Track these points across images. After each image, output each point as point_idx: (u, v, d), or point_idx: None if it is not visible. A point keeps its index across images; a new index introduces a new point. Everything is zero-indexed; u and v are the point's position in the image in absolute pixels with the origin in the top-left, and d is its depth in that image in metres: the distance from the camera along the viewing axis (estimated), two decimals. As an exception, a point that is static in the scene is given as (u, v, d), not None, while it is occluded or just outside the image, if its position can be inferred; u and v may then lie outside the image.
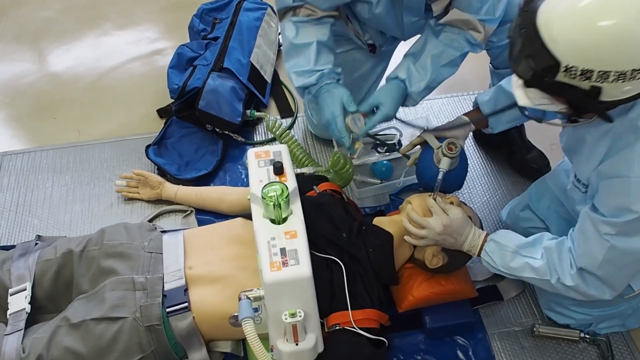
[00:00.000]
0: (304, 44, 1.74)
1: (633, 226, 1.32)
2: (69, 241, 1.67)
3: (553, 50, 1.17)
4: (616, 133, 1.32)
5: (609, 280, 1.42)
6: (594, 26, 1.12)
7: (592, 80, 1.15)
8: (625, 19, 1.11)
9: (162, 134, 2.24)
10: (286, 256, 1.41)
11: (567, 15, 1.15)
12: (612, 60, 1.13)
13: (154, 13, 2.97)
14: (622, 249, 1.35)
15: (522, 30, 1.22)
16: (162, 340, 1.49)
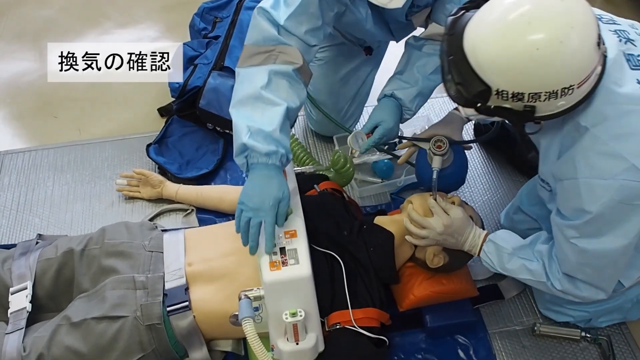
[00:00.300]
0: (272, 101, 1.46)
1: (593, 227, 1.31)
2: (69, 240, 1.67)
3: (482, 76, 1.17)
4: (564, 133, 1.32)
5: (594, 282, 1.42)
6: (519, 51, 1.12)
7: (524, 101, 1.16)
8: (548, 42, 1.10)
9: (163, 133, 2.24)
10: (286, 255, 1.42)
11: (491, 41, 1.15)
12: (540, 83, 1.14)
13: (155, 12, 2.96)
14: (592, 251, 1.34)
15: (450, 57, 1.21)
16: (163, 339, 1.49)
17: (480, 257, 1.58)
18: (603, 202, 1.26)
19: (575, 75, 1.14)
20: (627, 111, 1.22)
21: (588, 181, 1.26)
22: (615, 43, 1.27)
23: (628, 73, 1.25)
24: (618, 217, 1.28)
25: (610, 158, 1.23)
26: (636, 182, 1.22)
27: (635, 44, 1.30)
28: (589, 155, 1.26)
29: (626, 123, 1.22)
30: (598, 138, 1.23)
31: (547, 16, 1.12)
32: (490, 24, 1.16)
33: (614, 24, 1.34)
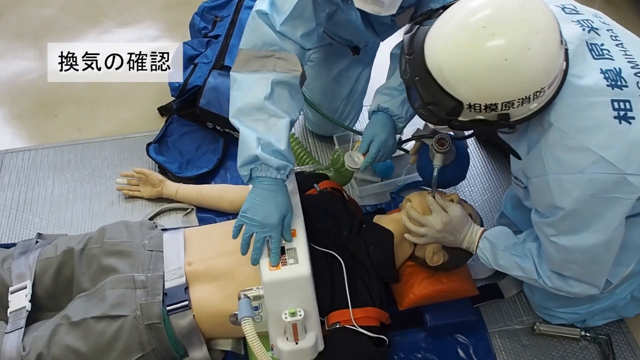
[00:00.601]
0: (276, 114, 1.45)
1: (569, 223, 1.30)
2: (69, 239, 1.67)
3: (451, 92, 1.16)
4: (530, 130, 1.31)
5: (582, 278, 1.41)
6: (487, 64, 1.11)
7: (497, 111, 1.16)
8: (516, 50, 1.10)
9: (163, 132, 2.24)
10: (285, 255, 1.42)
11: (456, 57, 1.14)
12: (512, 92, 1.14)
13: (155, 11, 2.96)
14: (572, 247, 1.33)
15: (415, 79, 1.20)
16: (163, 338, 1.49)
17: (477, 255, 1.58)
18: (574, 197, 1.24)
19: (545, 78, 1.15)
20: (590, 103, 1.21)
21: (557, 177, 1.25)
22: (578, 33, 1.27)
23: (590, 63, 1.24)
24: (593, 212, 1.26)
25: (577, 152, 1.21)
26: (605, 174, 1.20)
27: (599, 32, 1.29)
28: (555, 150, 1.25)
29: (590, 115, 1.20)
30: (563, 132, 1.22)
31: (510, 25, 1.10)
32: (452, 39, 1.14)
33: (577, 13, 1.33)
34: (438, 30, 1.18)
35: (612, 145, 1.19)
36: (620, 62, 1.24)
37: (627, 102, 1.20)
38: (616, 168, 1.19)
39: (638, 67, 1.24)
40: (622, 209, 1.25)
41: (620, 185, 1.21)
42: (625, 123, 1.19)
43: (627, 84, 1.22)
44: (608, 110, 1.19)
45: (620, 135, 1.19)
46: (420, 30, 1.23)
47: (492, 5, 1.12)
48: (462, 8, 1.16)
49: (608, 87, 1.21)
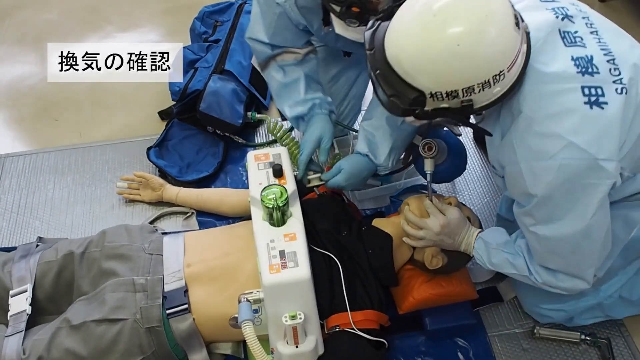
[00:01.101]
0: (293, 81, 1.77)
1: (545, 211, 1.30)
2: (70, 243, 1.68)
3: (412, 83, 1.17)
4: (502, 117, 1.31)
5: (568, 271, 1.40)
6: (440, 51, 1.12)
7: (460, 97, 1.17)
8: (467, 35, 1.11)
9: (163, 136, 2.25)
10: (285, 258, 1.42)
11: (411, 47, 1.15)
12: (470, 77, 1.14)
13: (156, 16, 2.97)
14: (552, 237, 1.32)
15: (377, 72, 1.22)
16: (163, 341, 1.49)
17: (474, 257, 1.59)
18: (547, 183, 1.24)
19: (502, 60, 1.15)
20: (558, 90, 1.20)
21: (529, 164, 1.25)
22: (551, 20, 1.27)
23: (561, 51, 1.24)
24: (568, 199, 1.26)
25: (547, 138, 1.21)
26: (577, 159, 1.20)
27: (574, 20, 1.29)
28: (525, 137, 1.25)
29: (559, 101, 1.20)
30: (533, 119, 1.22)
31: (461, 10, 1.12)
32: (407, 30, 1.16)
33: (553, 1, 1.33)
34: (395, 24, 1.19)
35: (583, 130, 1.19)
36: (593, 49, 1.24)
37: (598, 89, 1.20)
38: (587, 153, 1.19)
39: (611, 55, 1.24)
40: (598, 195, 1.24)
41: (593, 171, 1.21)
42: (597, 108, 1.19)
43: (599, 70, 1.21)
44: (578, 96, 1.19)
45: (591, 120, 1.19)
46: (381, 26, 1.25)
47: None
48: (415, 1, 1.18)
49: (578, 73, 1.20)
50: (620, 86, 1.22)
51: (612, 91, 1.21)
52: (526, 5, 1.32)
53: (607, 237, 1.35)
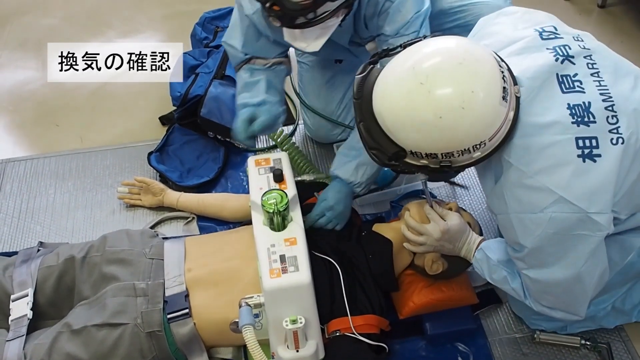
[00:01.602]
0: (256, 81, 1.77)
1: (536, 259, 1.31)
2: (71, 247, 1.68)
3: (394, 139, 1.19)
4: (492, 167, 1.31)
5: (561, 308, 1.41)
6: (423, 120, 1.13)
7: (439, 159, 1.18)
8: (450, 109, 1.11)
9: (164, 141, 2.25)
10: (286, 263, 1.42)
11: (396, 108, 1.16)
12: (450, 145, 1.16)
13: (157, 21, 2.98)
14: (542, 280, 1.33)
15: (361, 123, 1.23)
16: (163, 346, 1.50)
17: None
18: (536, 235, 1.24)
19: (483, 133, 1.15)
20: (552, 142, 1.19)
21: (518, 216, 1.26)
22: (549, 64, 1.25)
23: (558, 99, 1.22)
24: (559, 249, 1.26)
25: (537, 192, 1.21)
26: (566, 213, 1.19)
27: (574, 60, 1.26)
28: (515, 190, 1.25)
29: (550, 155, 1.19)
30: (523, 172, 1.21)
31: (448, 82, 1.12)
32: (393, 91, 1.16)
33: (555, 38, 1.30)
34: (385, 78, 1.20)
35: (574, 185, 1.18)
36: (591, 94, 1.22)
37: (593, 139, 1.18)
38: (577, 208, 1.18)
39: (610, 100, 1.22)
40: (589, 246, 1.23)
41: (583, 223, 1.20)
42: (590, 161, 1.18)
43: (595, 119, 1.19)
44: (571, 148, 1.18)
45: (583, 174, 1.18)
46: (373, 71, 1.25)
47: (435, 60, 1.14)
48: (407, 59, 1.18)
49: (573, 124, 1.19)
50: (616, 136, 1.20)
51: (607, 142, 1.19)
52: (526, 46, 1.30)
53: (603, 275, 1.34)
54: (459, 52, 1.15)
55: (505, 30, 1.38)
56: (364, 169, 1.71)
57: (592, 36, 1.36)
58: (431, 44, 1.19)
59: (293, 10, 1.39)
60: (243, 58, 1.78)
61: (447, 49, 1.17)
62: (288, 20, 1.43)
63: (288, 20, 1.44)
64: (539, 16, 1.40)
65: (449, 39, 1.20)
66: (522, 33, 1.34)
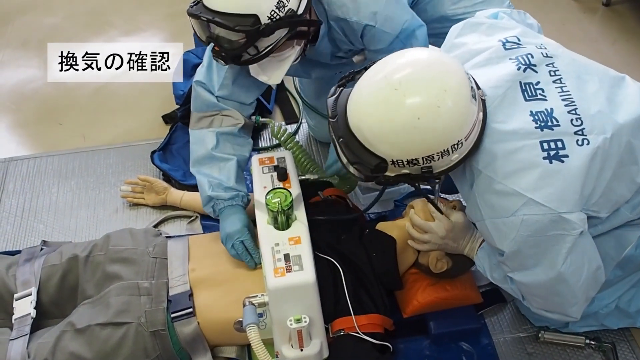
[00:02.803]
0: (224, 158, 1.68)
1: (516, 261, 1.32)
2: (74, 246, 1.68)
3: (374, 151, 1.20)
4: (466, 176, 1.34)
5: (551, 309, 1.42)
6: (401, 124, 1.15)
7: (420, 164, 1.20)
8: (427, 109, 1.14)
9: (167, 140, 2.25)
10: (290, 262, 1.42)
11: (372, 118, 1.18)
12: (430, 147, 1.18)
13: (159, 20, 2.98)
14: (526, 283, 1.35)
15: (340, 140, 1.24)
16: (167, 345, 1.50)
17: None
18: (512, 239, 1.26)
19: (459, 131, 1.18)
20: (517, 147, 1.22)
21: (493, 221, 1.29)
22: (512, 74, 1.29)
23: (520, 106, 1.26)
24: (537, 250, 1.27)
25: (506, 196, 1.23)
26: (537, 215, 1.21)
27: (537, 69, 1.30)
28: (486, 196, 1.28)
29: (516, 159, 1.22)
30: (492, 179, 1.24)
31: (420, 86, 1.15)
32: (369, 101, 1.19)
33: (518, 47, 1.34)
34: (357, 93, 1.23)
35: (542, 186, 1.21)
36: (554, 101, 1.26)
37: (558, 142, 1.21)
38: (547, 208, 1.20)
39: (573, 104, 1.25)
40: (565, 245, 1.24)
41: (556, 224, 1.22)
42: (557, 162, 1.21)
43: (559, 123, 1.23)
44: (536, 151, 1.21)
45: (551, 175, 1.20)
46: (343, 92, 1.28)
47: (404, 68, 1.18)
48: (378, 72, 1.21)
49: (537, 129, 1.22)
50: (581, 137, 1.22)
51: (573, 143, 1.22)
52: (489, 57, 1.34)
53: (597, 273, 1.35)
54: (427, 59, 1.20)
55: (470, 41, 1.41)
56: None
57: (557, 43, 1.39)
58: (398, 56, 1.23)
59: (231, 49, 1.43)
60: (214, 105, 1.68)
61: (414, 58, 1.21)
62: (231, 58, 1.46)
63: (231, 59, 1.46)
64: (504, 25, 1.43)
65: (413, 50, 1.28)
66: (486, 44, 1.37)
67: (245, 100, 1.72)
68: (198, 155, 1.69)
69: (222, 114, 1.69)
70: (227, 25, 1.37)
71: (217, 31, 1.41)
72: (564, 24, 2.78)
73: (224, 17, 1.37)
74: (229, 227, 1.62)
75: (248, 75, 1.64)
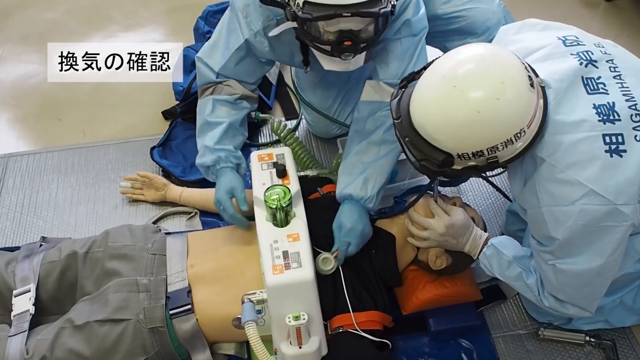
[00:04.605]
0: (216, 122, 1.71)
1: (565, 250, 1.35)
2: (73, 243, 1.68)
3: (440, 147, 1.24)
4: (524, 165, 1.36)
5: (575, 302, 1.45)
6: (463, 118, 1.19)
7: (485, 156, 1.23)
8: (486, 102, 1.17)
9: (166, 136, 2.25)
10: (289, 259, 1.42)
11: (435, 116, 1.22)
12: (493, 138, 1.21)
13: (160, 15, 2.97)
14: (569, 271, 1.37)
15: (406, 139, 1.28)
16: (166, 342, 1.49)
17: (479, 259, 1.58)
18: (567, 226, 1.29)
19: (521, 120, 1.21)
20: (579, 139, 1.25)
21: (550, 209, 1.31)
22: (574, 68, 1.31)
23: (583, 99, 1.28)
24: (588, 240, 1.31)
25: (568, 185, 1.26)
26: (596, 205, 1.25)
27: (597, 65, 1.33)
28: (548, 184, 1.30)
29: (580, 150, 1.25)
30: (554, 167, 1.27)
31: (478, 80, 1.19)
32: (429, 100, 1.24)
33: (578, 45, 1.36)
34: (418, 93, 1.27)
35: (603, 178, 1.24)
36: (615, 95, 1.29)
37: (619, 136, 1.25)
38: (607, 200, 1.24)
39: (633, 100, 1.28)
40: (616, 236, 1.29)
41: (611, 215, 1.26)
42: (617, 156, 1.24)
43: (620, 117, 1.26)
44: (599, 144, 1.25)
45: (611, 168, 1.24)
46: (405, 93, 1.32)
47: (461, 65, 1.22)
48: (436, 71, 1.25)
49: (600, 122, 1.26)
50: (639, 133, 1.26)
51: (632, 138, 1.26)
52: (551, 52, 1.36)
53: (616, 272, 1.40)
54: (483, 53, 1.24)
55: (528, 38, 1.44)
56: (372, 182, 1.64)
57: (613, 43, 1.42)
58: (454, 53, 1.27)
59: (367, 38, 1.42)
60: (213, 80, 1.72)
61: (470, 54, 1.25)
62: (360, 49, 1.45)
63: (359, 49, 1.45)
64: (560, 26, 1.46)
65: (469, 46, 1.29)
66: (545, 41, 1.40)
67: (248, 79, 1.76)
68: (199, 124, 1.75)
69: (223, 84, 1.73)
70: (373, 12, 1.35)
71: (350, 25, 1.38)
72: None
73: (363, 7, 1.35)
74: (216, 193, 1.66)
75: (252, 60, 1.68)
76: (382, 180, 1.66)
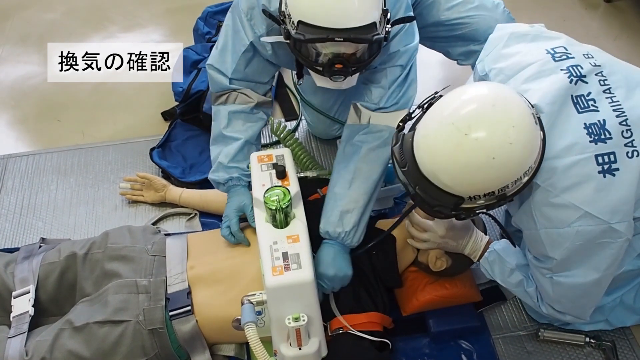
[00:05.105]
0: (232, 138, 1.71)
1: (562, 266, 1.37)
2: (72, 244, 1.68)
3: (452, 192, 1.22)
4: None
5: (572, 311, 1.48)
6: (478, 166, 1.17)
7: (495, 194, 1.22)
8: (500, 148, 1.15)
9: (166, 137, 2.25)
10: (288, 260, 1.41)
11: (448, 165, 1.19)
12: (505, 180, 1.20)
13: (159, 16, 2.97)
14: (566, 284, 1.39)
15: (417, 187, 1.26)
16: (165, 343, 1.49)
17: (480, 263, 1.58)
18: (565, 247, 1.32)
19: (530, 159, 1.22)
20: (572, 162, 1.26)
21: (547, 231, 1.33)
22: (564, 87, 1.31)
23: (574, 119, 1.29)
24: (585, 255, 1.34)
25: (563, 209, 1.28)
26: (592, 226, 1.28)
27: (587, 79, 1.33)
28: (543, 208, 1.32)
29: (573, 174, 1.26)
30: (550, 192, 1.28)
31: (489, 127, 1.16)
32: (440, 149, 1.19)
33: (567, 58, 1.36)
34: (424, 140, 1.22)
35: (597, 200, 1.26)
36: (605, 112, 1.29)
37: (611, 155, 1.26)
38: (601, 220, 1.27)
39: (624, 115, 1.29)
40: (612, 251, 1.33)
41: (606, 233, 1.29)
42: (610, 176, 1.26)
43: (611, 135, 1.27)
44: (592, 165, 1.26)
45: (604, 188, 1.26)
46: (406, 138, 1.28)
47: (469, 112, 1.18)
48: (440, 115, 1.21)
49: (591, 142, 1.27)
50: (631, 149, 1.28)
51: (624, 155, 1.27)
52: (540, 70, 1.35)
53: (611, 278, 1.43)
54: (487, 95, 1.21)
55: (517, 52, 1.43)
56: (348, 215, 1.56)
57: (601, 50, 1.42)
58: (458, 95, 1.23)
59: (358, 62, 1.40)
60: (227, 87, 1.69)
61: (476, 97, 1.21)
62: (350, 72, 1.43)
63: (350, 72, 1.43)
64: (548, 35, 1.45)
65: (471, 88, 1.26)
66: (535, 56, 1.39)
67: (261, 79, 1.73)
68: (213, 134, 1.75)
69: (237, 92, 1.71)
70: (366, 39, 1.33)
71: (342, 49, 1.37)
72: (565, 21, 2.76)
73: (357, 32, 1.33)
74: (226, 209, 1.68)
75: (260, 60, 1.66)
76: (358, 214, 1.57)
